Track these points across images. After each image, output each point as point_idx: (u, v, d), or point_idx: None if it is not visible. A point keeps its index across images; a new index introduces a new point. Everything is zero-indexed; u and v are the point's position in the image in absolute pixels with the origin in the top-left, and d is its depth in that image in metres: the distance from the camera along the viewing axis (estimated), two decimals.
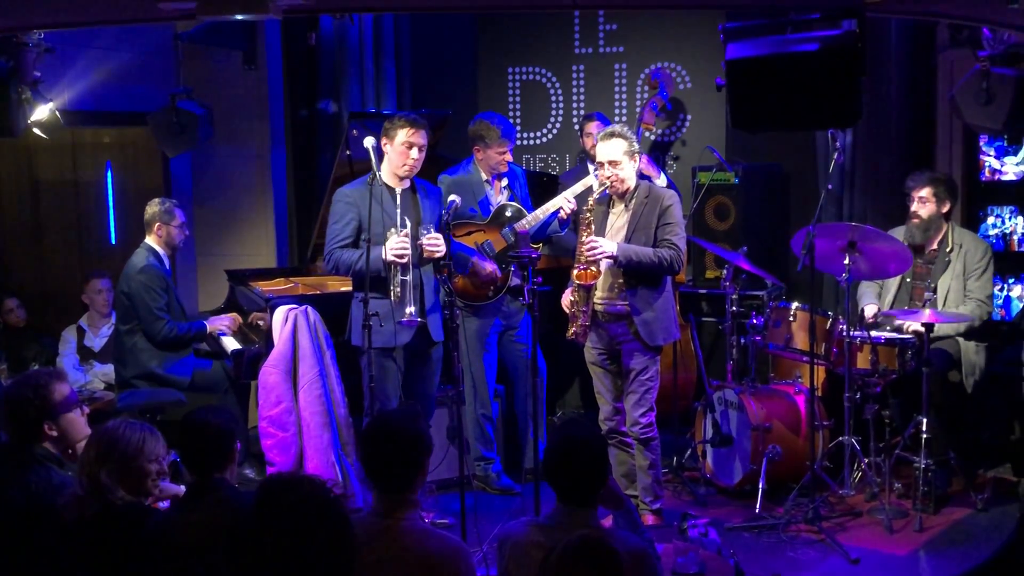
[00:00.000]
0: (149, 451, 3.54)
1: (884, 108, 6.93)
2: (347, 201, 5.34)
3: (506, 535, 3.40)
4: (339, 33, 7.65)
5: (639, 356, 5.34)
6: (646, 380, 5.36)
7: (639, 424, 5.40)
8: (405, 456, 3.26)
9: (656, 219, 5.30)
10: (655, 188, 5.45)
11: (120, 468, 3.46)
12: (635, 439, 5.45)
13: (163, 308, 6.18)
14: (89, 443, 3.53)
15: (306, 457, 5.55)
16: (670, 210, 5.32)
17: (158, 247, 6.33)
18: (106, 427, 3.54)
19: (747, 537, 5.40)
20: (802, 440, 5.85)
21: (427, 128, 5.33)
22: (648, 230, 5.30)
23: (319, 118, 7.86)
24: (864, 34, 4.07)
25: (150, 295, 6.14)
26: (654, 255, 5.25)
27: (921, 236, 6.06)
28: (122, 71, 7.23)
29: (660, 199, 5.34)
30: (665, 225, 5.31)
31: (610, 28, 7.74)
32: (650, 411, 5.41)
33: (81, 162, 8.28)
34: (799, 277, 6.44)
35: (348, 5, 4.70)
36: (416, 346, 5.43)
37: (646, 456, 5.46)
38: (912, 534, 5.41)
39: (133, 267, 6.22)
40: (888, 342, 5.69)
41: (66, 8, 4.26)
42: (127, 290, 6.20)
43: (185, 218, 6.49)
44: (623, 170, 5.29)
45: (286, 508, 2.23)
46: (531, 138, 7.99)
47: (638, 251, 5.25)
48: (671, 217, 5.32)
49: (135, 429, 3.55)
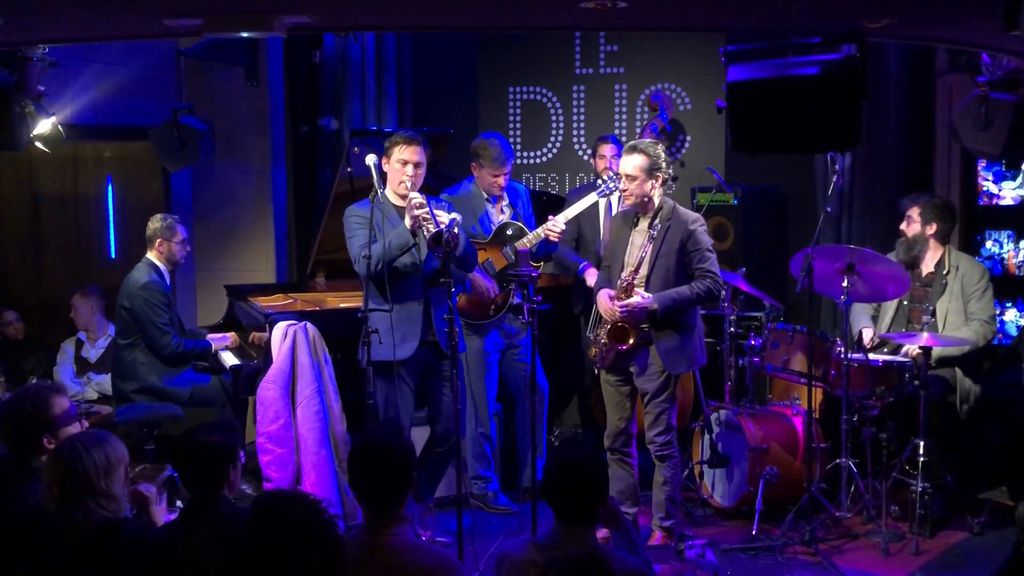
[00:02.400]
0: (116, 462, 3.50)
1: (883, 132, 6.96)
2: (358, 215, 5.31)
3: (504, 554, 3.40)
4: (341, 50, 7.69)
5: (655, 380, 5.33)
6: (661, 402, 5.35)
7: (655, 443, 5.40)
8: (391, 472, 3.28)
9: (681, 243, 5.26)
10: (680, 210, 5.37)
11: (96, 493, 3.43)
12: (653, 456, 5.45)
13: (167, 323, 6.19)
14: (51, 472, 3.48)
15: (303, 473, 5.55)
16: (696, 235, 5.27)
17: (159, 262, 6.35)
18: (63, 457, 3.47)
19: (744, 559, 5.40)
20: (799, 462, 5.85)
21: (422, 144, 5.29)
22: (671, 256, 5.26)
23: (320, 135, 7.89)
24: (865, 58, 4.10)
25: (154, 311, 6.16)
26: (691, 292, 5.21)
27: (904, 254, 6.08)
28: (124, 86, 7.26)
29: (685, 222, 5.28)
30: (695, 252, 5.26)
31: (611, 49, 7.78)
32: (669, 430, 5.39)
33: (82, 176, 8.31)
34: (797, 299, 6.45)
35: (352, 24, 4.72)
36: (428, 362, 5.39)
37: (662, 473, 5.45)
38: (909, 557, 5.41)
39: (135, 283, 6.22)
40: (885, 365, 5.70)
41: (72, 24, 4.27)
42: (128, 306, 6.20)
43: (187, 234, 6.51)
44: (639, 186, 5.27)
45: (279, 527, 2.24)
46: (531, 157, 8.02)
47: (676, 295, 5.20)
48: (699, 243, 5.28)
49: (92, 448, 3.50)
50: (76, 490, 3.39)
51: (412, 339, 5.25)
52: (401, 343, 5.21)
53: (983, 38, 4.63)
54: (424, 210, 5.04)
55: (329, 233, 6.47)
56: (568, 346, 6.96)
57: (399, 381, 5.31)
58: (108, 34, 4.83)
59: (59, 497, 3.40)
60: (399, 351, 5.23)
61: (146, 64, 7.33)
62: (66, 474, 3.40)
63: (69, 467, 3.40)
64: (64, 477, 3.40)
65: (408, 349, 5.24)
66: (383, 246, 5.12)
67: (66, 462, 3.41)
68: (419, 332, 5.27)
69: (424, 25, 5.47)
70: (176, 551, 3.28)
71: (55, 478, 3.42)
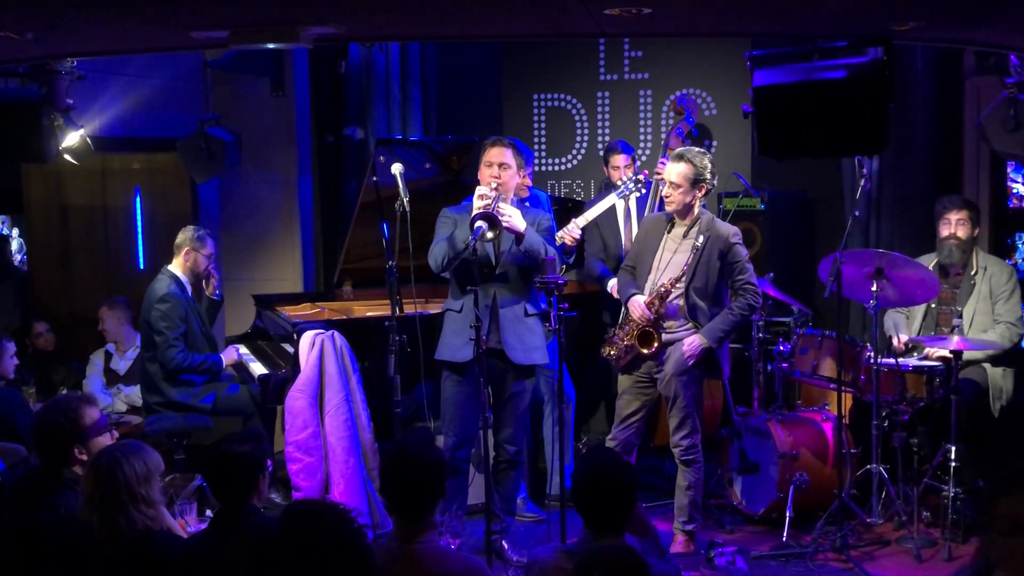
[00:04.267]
0: (153, 470, 3.55)
1: (911, 134, 6.92)
2: (445, 216, 5.31)
3: (533, 561, 3.40)
4: (366, 60, 7.72)
5: (680, 383, 5.32)
6: (686, 406, 5.34)
7: (680, 447, 5.40)
8: (422, 482, 3.29)
9: (719, 257, 5.28)
10: (717, 222, 5.39)
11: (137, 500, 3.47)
12: (677, 461, 5.44)
13: (179, 337, 6.20)
14: (92, 484, 3.52)
15: (332, 482, 5.56)
16: (735, 249, 5.30)
17: (181, 273, 6.35)
18: (103, 466, 3.51)
19: (774, 566, 5.36)
20: (829, 468, 5.81)
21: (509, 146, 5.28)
22: (711, 267, 5.27)
23: (346, 144, 7.92)
24: (891, 61, 4.08)
25: (167, 322, 6.17)
26: (737, 315, 5.30)
27: (959, 257, 6.03)
28: (151, 98, 7.31)
29: (724, 236, 5.30)
30: (735, 264, 5.30)
31: (635, 55, 7.77)
32: (693, 433, 5.39)
33: (110, 188, 8.37)
34: (826, 304, 6.42)
35: (378, 34, 4.75)
36: (492, 369, 5.16)
37: (685, 477, 5.44)
38: (941, 563, 5.35)
39: (154, 294, 6.24)
40: (916, 369, 5.66)
41: (99, 37, 4.32)
42: (147, 318, 6.23)
43: (215, 250, 6.51)
44: (682, 195, 5.27)
45: (308, 536, 2.25)
46: (556, 164, 8.01)
47: (723, 323, 5.28)
48: (738, 256, 5.31)
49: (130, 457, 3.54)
50: (117, 499, 3.43)
51: (472, 344, 5.04)
52: (464, 346, 5.16)
53: (1012, 40, 4.59)
54: (486, 201, 5.00)
55: (355, 242, 6.50)
56: (595, 353, 6.93)
57: (456, 383, 5.30)
58: (135, 47, 4.88)
59: (100, 507, 3.43)
60: (459, 353, 5.22)
61: (173, 76, 7.38)
62: (108, 484, 3.43)
63: (110, 476, 3.44)
64: (105, 487, 3.43)
65: (468, 353, 5.15)
66: (447, 243, 5.12)
67: (107, 471, 3.45)
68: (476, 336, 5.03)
69: (449, 35, 5.49)
70: (207, 561, 3.29)
71: (96, 488, 3.45)
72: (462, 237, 5.04)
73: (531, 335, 5.31)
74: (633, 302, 5.37)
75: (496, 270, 5.22)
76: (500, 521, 5.38)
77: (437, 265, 5.16)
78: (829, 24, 4.15)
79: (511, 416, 5.36)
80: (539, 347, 5.34)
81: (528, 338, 5.30)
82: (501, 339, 5.21)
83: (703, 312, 5.30)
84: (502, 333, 5.21)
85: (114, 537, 3.40)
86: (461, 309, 5.24)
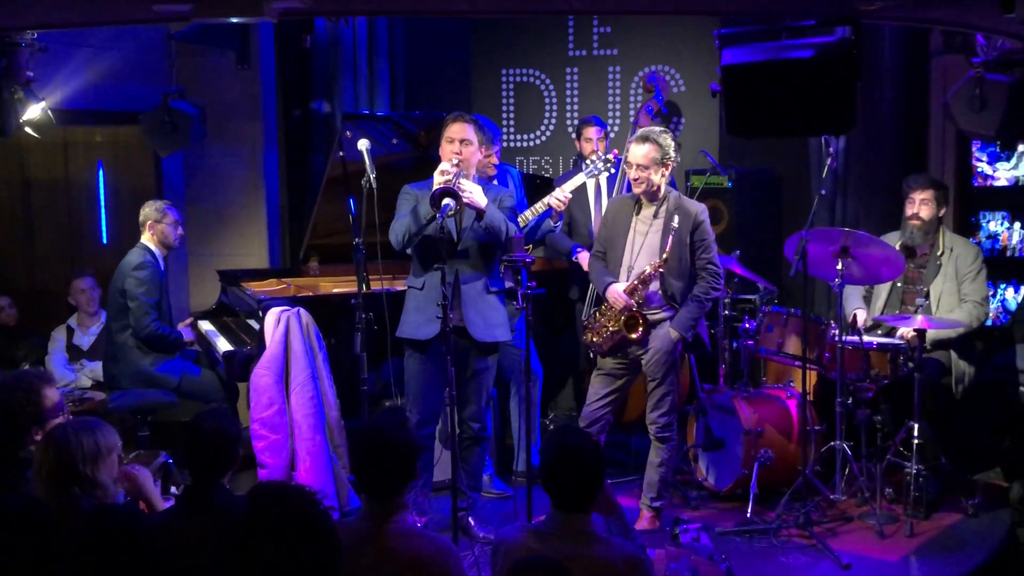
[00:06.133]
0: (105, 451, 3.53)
1: (877, 113, 6.94)
2: (407, 193, 5.27)
3: (501, 540, 3.40)
4: (333, 34, 7.64)
5: (662, 360, 5.33)
6: (669, 383, 5.36)
7: (657, 424, 5.42)
8: (394, 462, 3.27)
9: (690, 235, 5.29)
10: (685, 200, 5.38)
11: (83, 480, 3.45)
12: (652, 437, 5.46)
13: (154, 306, 6.18)
14: (40, 458, 3.50)
15: (298, 459, 5.54)
16: (703, 227, 5.31)
17: (153, 246, 6.33)
18: (53, 441, 3.49)
19: (739, 542, 5.40)
20: (794, 445, 5.85)
21: (470, 122, 5.24)
22: (683, 246, 5.27)
23: (312, 118, 7.85)
24: (859, 41, 4.08)
25: (144, 288, 6.16)
26: (702, 301, 5.33)
27: (921, 238, 6.07)
28: (114, 70, 7.20)
29: (692, 213, 5.30)
30: (701, 242, 5.31)
31: (604, 31, 7.75)
32: (671, 412, 5.41)
33: (73, 161, 8.27)
34: (791, 282, 6.45)
35: (344, 9, 4.69)
36: (455, 347, 4.96)
37: (659, 454, 5.47)
38: (903, 539, 5.42)
39: (129, 264, 6.22)
40: (880, 347, 5.70)
41: (60, 9, 4.25)
42: (122, 287, 6.18)
43: (179, 216, 6.47)
44: (648, 175, 5.26)
45: (273, 519, 2.23)
46: (525, 140, 7.99)
47: (689, 313, 5.30)
48: (705, 234, 5.32)
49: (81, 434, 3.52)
50: (62, 476, 3.40)
51: (435, 322, 5.08)
52: (426, 323, 5.18)
53: (978, 19, 4.61)
54: (447, 177, 4.96)
55: (322, 217, 6.45)
56: (562, 330, 6.95)
57: (417, 360, 5.30)
58: (97, 19, 4.81)
59: (47, 482, 3.41)
60: (421, 331, 5.22)
61: (136, 48, 7.26)
62: (55, 459, 3.41)
63: (58, 452, 3.42)
64: (53, 462, 3.41)
65: (431, 330, 5.17)
66: (409, 218, 5.09)
67: (56, 446, 3.44)
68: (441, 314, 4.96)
69: (416, 10, 5.44)
70: (175, 538, 3.27)
71: (45, 462, 3.43)
72: (423, 213, 5.02)
73: (493, 312, 5.30)
74: (612, 292, 5.35)
75: (457, 247, 5.20)
76: (466, 498, 5.39)
77: (398, 242, 5.14)
78: (797, 3, 4.15)
79: (474, 393, 5.36)
80: (502, 324, 5.33)
81: (490, 315, 5.29)
82: (463, 316, 5.19)
83: (679, 291, 5.30)
84: (464, 310, 5.20)
85: (64, 512, 3.37)
86: (423, 287, 5.23)
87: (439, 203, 4.79)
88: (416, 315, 5.25)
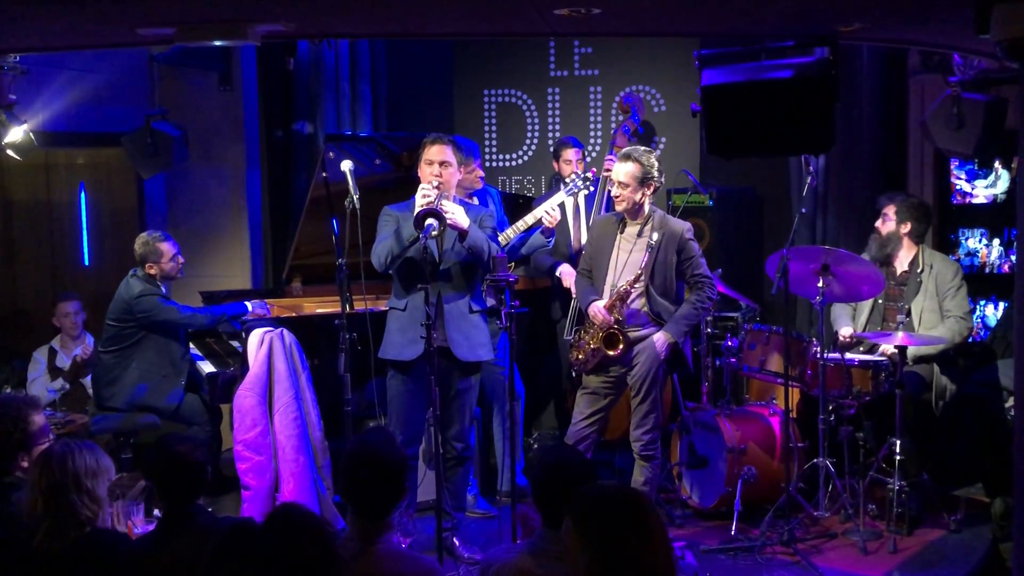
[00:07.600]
0: (103, 470, 3.53)
1: (856, 132, 7.00)
2: (387, 214, 5.27)
3: (490, 562, 3.37)
4: (315, 55, 7.66)
5: (646, 378, 5.33)
6: (652, 401, 5.36)
7: (641, 441, 5.40)
8: (384, 480, 3.27)
9: (675, 254, 5.31)
10: (669, 219, 5.41)
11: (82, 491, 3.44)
12: (636, 455, 5.46)
13: (173, 308, 6.12)
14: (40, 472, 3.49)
15: (282, 480, 5.53)
16: (689, 244, 5.34)
17: (154, 273, 6.22)
18: (55, 454, 3.49)
19: (723, 559, 5.41)
20: (777, 462, 5.87)
21: (449, 144, 5.24)
22: (669, 264, 5.30)
23: (295, 139, 7.87)
24: (837, 61, 4.12)
25: (156, 307, 6.07)
26: (695, 309, 5.33)
27: (877, 251, 6.12)
28: (96, 92, 7.20)
29: (678, 232, 5.32)
30: (689, 260, 5.34)
31: (585, 52, 7.79)
32: (655, 429, 5.40)
33: (55, 183, 8.24)
34: (773, 299, 6.48)
35: (327, 32, 4.69)
36: (438, 367, 4.97)
37: (643, 473, 5.45)
38: (886, 555, 5.44)
39: (130, 295, 6.10)
40: (862, 364, 5.73)
41: (43, 33, 4.24)
42: (129, 310, 6.11)
43: (175, 245, 6.30)
44: (630, 193, 5.29)
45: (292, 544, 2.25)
46: (507, 160, 8.02)
47: (684, 318, 5.31)
48: (692, 251, 5.35)
49: (83, 451, 3.52)
50: (64, 486, 3.41)
51: (418, 342, 5.08)
52: (409, 344, 5.18)
53: (954, 40, 4.66)
54: (429, 199, 4.98)
55: (305, 238, 6.46)
56: (545, 349, 6.96)
57: (400, 381, 5.29)
58: (80, 43, 4.79)
59: (45, 493, 3.40)
60: (404, 352, 5.22)
61: (118, 70, 7.27)
62: (58, 471, 3.41)
63: (60, 464, 3.42)
64: (54, 474, 3.40)
65: (414, 351, 5.17)
66: (392, 240, 5.09)
67: (58, 459, 3.43)
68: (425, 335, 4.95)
69: (398, 33, 5.46)
70: (155, 561, 3.26)
71: (43, 475, 3.41)
72: (406, 234, 5.03)
73: (476, 331, 5.32)
74: (593, 308, 5.37)
75: (440, 267, 5.21)
76: (450, 518, 5.38)
77: (381, 263, 5.15)
78: (776, 25, 4.18)
79: (458, 413, 5.37)
80: (484, 343, 5.34)
81: (473, 335, 5.30)
82: (446, 336, 5.20)
83: (665, 310, 5.31)
84: (447, 330, 5.21)
85: (57, 527, 3.37)
86: (406, 307, 5.24)
87: (422, 224, 4.81)
88: (399, 336, 5.25)
